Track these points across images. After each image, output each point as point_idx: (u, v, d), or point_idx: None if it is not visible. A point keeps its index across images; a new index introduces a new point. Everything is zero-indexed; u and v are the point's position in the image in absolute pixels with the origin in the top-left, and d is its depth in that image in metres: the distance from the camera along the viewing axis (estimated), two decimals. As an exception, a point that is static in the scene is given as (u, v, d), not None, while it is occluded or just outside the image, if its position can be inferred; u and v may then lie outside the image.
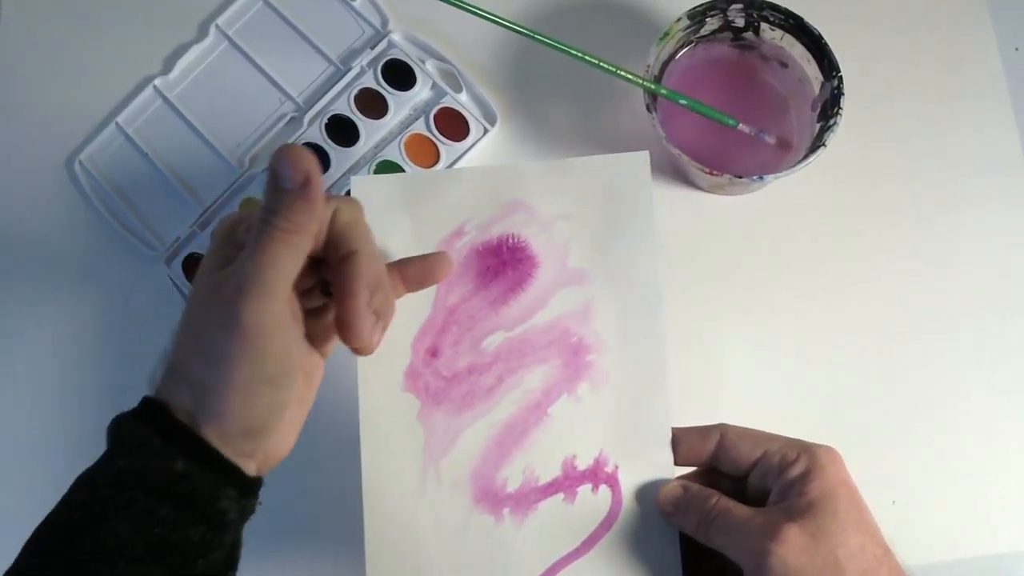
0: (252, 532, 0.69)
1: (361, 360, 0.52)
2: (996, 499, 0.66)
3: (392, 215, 0.53)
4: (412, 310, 0.52)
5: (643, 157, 0.53)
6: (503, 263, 0.53)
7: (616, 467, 0.50)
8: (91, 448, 0.69)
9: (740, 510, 0.46)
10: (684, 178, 0.71)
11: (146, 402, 0.44)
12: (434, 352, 0.52)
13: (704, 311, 0.69)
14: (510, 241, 0.53)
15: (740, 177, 0.63)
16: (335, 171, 0.72)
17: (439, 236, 0.53)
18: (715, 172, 0.63)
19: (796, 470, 0.46)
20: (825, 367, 0.68)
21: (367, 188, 0.54)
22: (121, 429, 0.44)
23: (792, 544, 0.43)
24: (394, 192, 0.54)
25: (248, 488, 0.44)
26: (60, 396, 0.72)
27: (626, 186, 0.53)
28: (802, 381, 0.68)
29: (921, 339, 0.68)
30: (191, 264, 0.72)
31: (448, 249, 0.53)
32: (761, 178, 0.63)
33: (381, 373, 0.52)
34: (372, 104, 0.72)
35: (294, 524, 0.68)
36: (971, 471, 0.67)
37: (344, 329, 0.44)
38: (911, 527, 0.64)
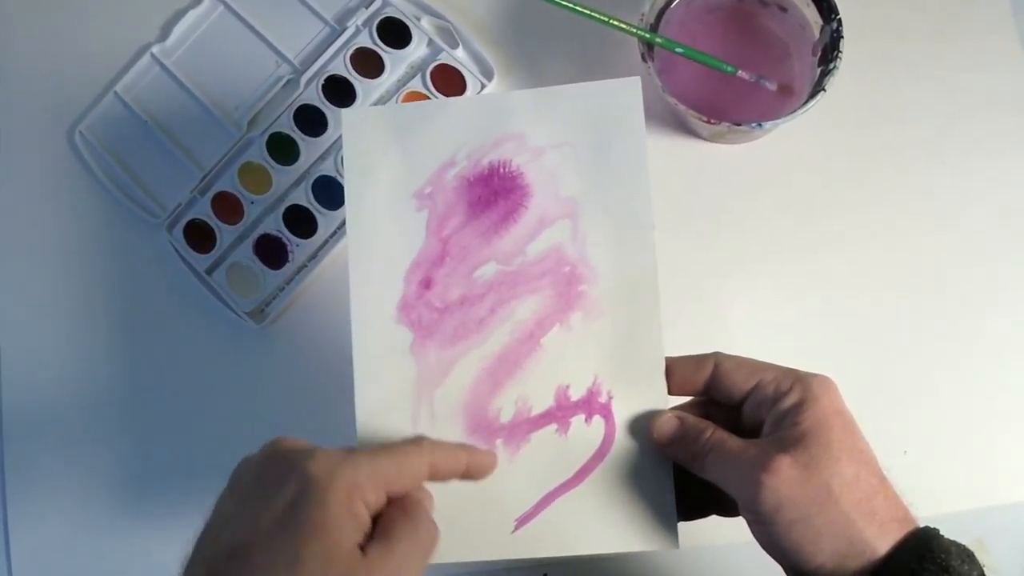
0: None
1: (354, 293, 0.52)
2: (1011, 448, 0.65)
3: (382, 147, 0.53)
4: (404, 242, 0.52)
5: (634, 82, 0.52)
6: (494, 193, 0.52)
7: (610, 397, 0.50)
8: (95, 412, 0.71)
9: (733, 442, 0.46)
10: (685, 128, 0.70)
11: None
12: (427, 284, 0.52)
13: (709, 261, 0.68)
14: (501, 171, 0.52)
15: (739, 124, 0.62)
16: (332, 132, 0.71)
17: (430, 167, 0.53)
18: (713, 120, 0.62)
19: (789, 400, 0.45)
20: (833, 316, 0.67)
21: (357, 120, 0.54)
22: None
23: (785, 475, 0.42)
24: (384, 124, 0.53)
25: None
26: (64, 365, 0.73)
27: (617, 113, 0.52)
28: (809, 330, 0.67)
29: (931, 286, 0.67)
30: (192, 230, 0.72)
31: (439, 180, 0.53)
32: (760, 125, 0.62)
33: (374, 306, 0.52)
34: (368, 63, 0.72)
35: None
36: (984, 420, 0.66)
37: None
38: (923, 477, 0.62)
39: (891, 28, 0.70)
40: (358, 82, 0.71)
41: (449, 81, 0.71)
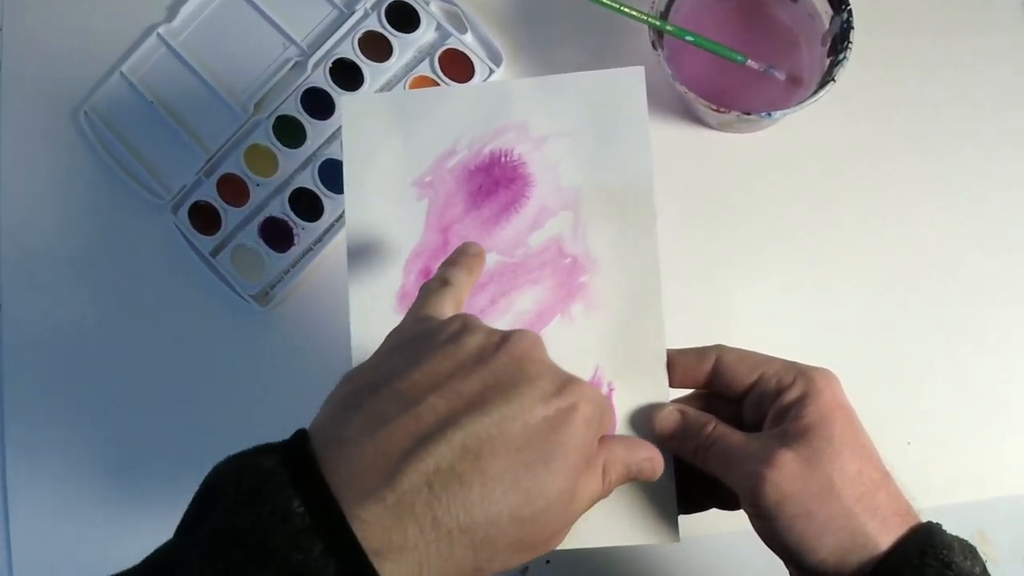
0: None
1: (353, 282, 0.51)
2: (1015, 440, 0.65)
3: (382, 135, 0.53)
4: (404, 232, 0.52)
5: (637, 72, 0.52)
6: (495, 182, 0.52)
7: (611, 389, 0.49)
8: (97, 394, 0.70)
9: (735, 436, 0.45)
10: (693, 116, 0.70)
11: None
12: (427, 274, 0.51)
13: (715, 250, 0.68)
14: (502, 160, 0.52)
15: (748, 114, 0.62)
16: (340, 116, 0.71)
17: (431, 156, 0.52)
18: (722, 109, 0.62)
19: (792, 394, 0.45)
20: (839, 306, 0.67)
21: (357, 107, 0.53)
22: None
23: (787, 470, 0.42)
24: (385, 111, 0.53)
25: None
26: (66, 346, 0.72)
27: (620, 102, 0.51)
28: (815, 320, 0.67)
29: (937, 277, 0.67)
30: (197, 212, 0.72)
31: (440, 169, 0.52)
32: (769, 114, 0.62)
33: (373, 296, 0.51)
34: (376, 47, 0.72)
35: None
36: (990, 411, 0.65)
37: None
38: (927, 468, 0.63)
39: (900, 20, 0.70)
40: (366, 66, 0.71)
41: (457, 66, 0.71)
